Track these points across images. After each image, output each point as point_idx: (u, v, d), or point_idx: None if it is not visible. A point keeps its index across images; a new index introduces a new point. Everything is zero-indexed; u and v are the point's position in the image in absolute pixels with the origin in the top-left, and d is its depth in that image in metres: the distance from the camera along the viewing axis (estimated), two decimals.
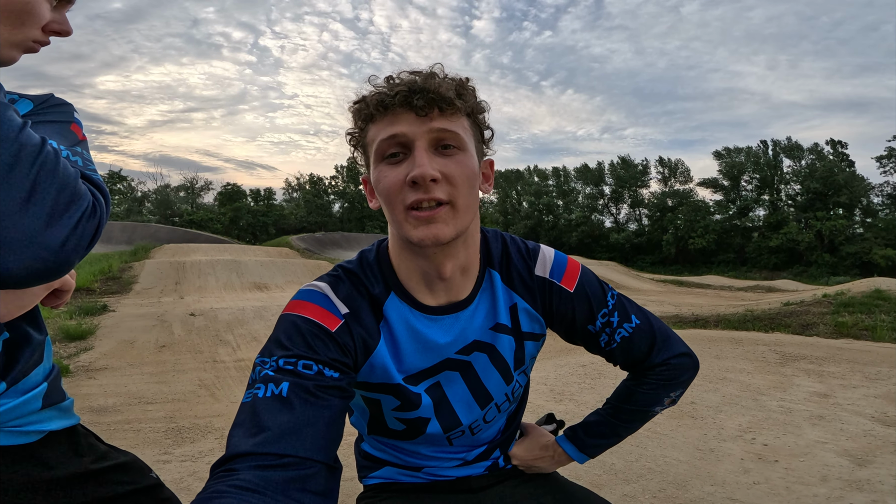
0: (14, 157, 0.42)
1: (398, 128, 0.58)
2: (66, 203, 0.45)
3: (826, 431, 2.43)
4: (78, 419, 0.72)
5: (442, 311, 0.66)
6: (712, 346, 4.37)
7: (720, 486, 1.93)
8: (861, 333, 5.27)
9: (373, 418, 0.71)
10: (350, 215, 42.02)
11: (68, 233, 0.45)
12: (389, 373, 0.65)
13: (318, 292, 0.63)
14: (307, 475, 0.48)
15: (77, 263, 0.49)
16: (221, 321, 5.91)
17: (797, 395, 3.01)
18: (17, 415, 0.60)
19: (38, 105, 0.63)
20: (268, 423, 0.49)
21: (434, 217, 0.57)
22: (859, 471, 2.00)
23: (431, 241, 0.58)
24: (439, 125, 0.58)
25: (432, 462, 0.74)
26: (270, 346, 0.57)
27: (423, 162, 0.56)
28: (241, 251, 15.84)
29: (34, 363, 0.63)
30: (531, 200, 40.81)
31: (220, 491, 0.44)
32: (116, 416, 3.01)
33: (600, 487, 1.95)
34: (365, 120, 0.61)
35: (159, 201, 40.23)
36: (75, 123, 0.64)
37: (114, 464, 0.69)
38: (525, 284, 0.70)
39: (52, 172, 0.44)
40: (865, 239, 27.76)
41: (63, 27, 0.61)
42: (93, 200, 0.49)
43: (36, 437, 0.63)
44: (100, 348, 4.69)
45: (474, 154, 0.62)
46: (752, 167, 33.78)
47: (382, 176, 0.59)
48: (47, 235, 0.44)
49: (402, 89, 0.57)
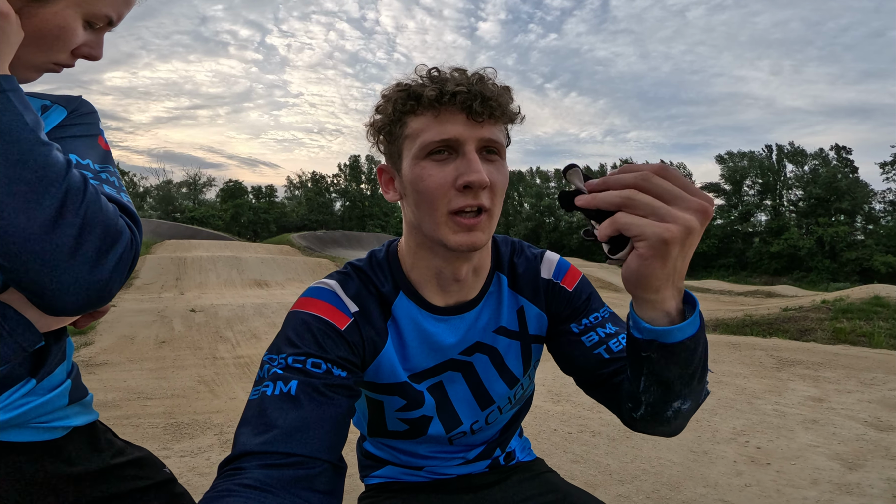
0: (62, 201, 0.45)
1: (450, 129, 0.56)
2: (109, 245, 0.49)
3: (819, 435, 2.45)
4: (97, 415, 0.73)
5: (450, 312, 0.66)
6: (710, 350, 4.36)
7: (713, 487, 1.95)
8: (859, 339, 5.28)
9: (373, 420, 0.71)
10: (351, 214, 42.06)
11: (112, 269, 0.49)
12: (396, 372, 0.65)
13: (329, 290, 0.63)
14: (314, 474, 0.48)
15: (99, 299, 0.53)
16: (221, 318, 5.94)
17: (792, 400, 3.03)
18: (44, 411, 0.62)
19: (71, 112, 0.63)
20: (276, 422, 0.49)
21: (476, 225, 0.57)
22: (850, 474, 2.02)
23: (468, 247, 0.58)
24: (489, 134, 0.57)
25: (433, 461, 0.74)
26: (279, 343, 0.57)
27: (480, 168, 0.55)
28: (241, 248, 15.87)
29: (58, 361, 0.64)
30: (532, 202, 40.82)
31: (228, 489, 0.44)
32: (116, 412, 3.03)
33: (595, 487, 1.97)
34: (406, 111, 0.58)
35: (161, 197, 40.30)
36: (101, 136, 0.65)
37: (130, 459, 0.70)
38: (532, 287, 0.70)
39: (96, 216, 0.48)
40: (866, 245, 27.74)
41: (93, 52, 0.59)
42: (130, 235, 0.52)
43: (61, 433, 0.64)
44: (100, 343, 4.72)
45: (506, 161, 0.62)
46: (754, 172, 33.76)
47: (426, 174, 0.57)
48: (94, 276, 0.48)
49: (462, 90, 0.55)
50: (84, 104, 0.66)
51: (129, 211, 0.55)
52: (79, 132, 0.62)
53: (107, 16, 0.58)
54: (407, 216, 0.64)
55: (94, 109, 0.66)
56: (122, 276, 0.51)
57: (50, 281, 0.46)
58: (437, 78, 0.58)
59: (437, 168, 0.57)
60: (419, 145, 0.57)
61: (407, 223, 0.65)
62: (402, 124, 0.59)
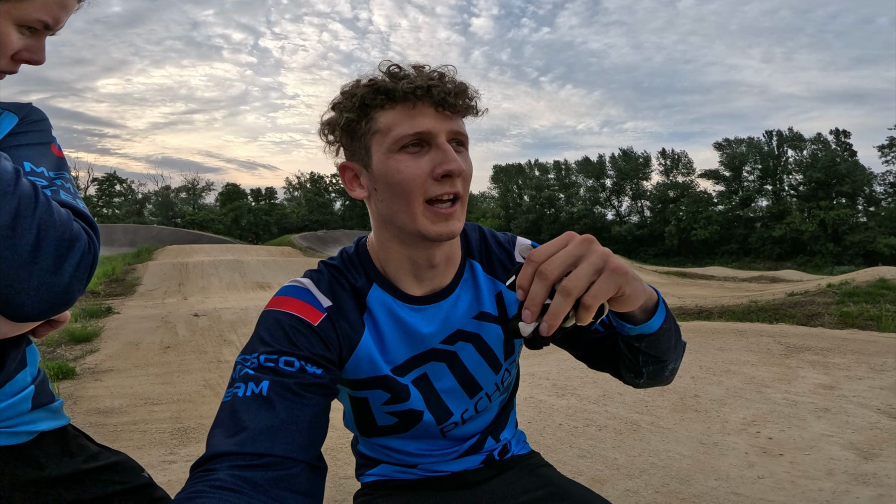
0: (15, 211, 0.46)
1: (423, 122, 0.58)
2: (66, 249, 0.50)
3: (831, 424, 2.41)
4: (68, 420, 0.72)
5: (425, 301, 0.67)
6: (716, 338, 4.35)
7: (724, 480, 1.92)
8: (866, 323, 5.24)
9: (360, 418, 0.71)
10: (352, 213, 42.10)
11: (71, 274, 0.51)
12: (376, 364, 0.65)
13: (301, 287, 0.63)
14: (288, 475, 0.48)
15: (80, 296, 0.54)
16: (225, 321, 5.94)
17: (802, 388, 3.00)
18: (7, 416, 0.62)
19: (22, 119, 0.62)
20: (247, 423, 0.49)
21: (452, 214, 0.60)
22: (865, 464, 1.99)
23: (448, 235, 0.60)
24: (457, 126, 0.61)
25: (426, 459, 0.74)
26: (253, 342, 0.57)
27: (456, 157, 0.58)
28: (243, 251, 15.89)
29: (17, 368, 0.64)
30: (532, 194, 40.70)
31: (198, 491, 0.44)
32: (123, 418, 3.03)
33: (602, 482, 1.94)
34: (374, 105, 0.59)
35: (160, 203, 40.39)
36: (54, 143, 0.64)
37: (105, 464, 0.70)
38: (507, 271, 0.71)
39: (50, 222, 0.49)
40: (869, 228, 27.63)
41: (34, 56, 0.59)
42: (87, 239, 0.53)
43: (27, 437, 0.64)
44: (105, 350, 4.72)
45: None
46: (753, 158, 33.58)
47: (402, 166, 0.58)
48: (55, 281, 0.49)
49: (435, 84, 0.58)
50: (35, 111, 0.65)
51: (84, 216, 0.56)
52: (31, 140, 0.62)
53: (40, 20, 0.57)
54: (378, 211, 0.64)
55: (46, 116, 0.66)
56: (82, 280, 0.52)
57: (11, 288, 0.47)
58: (402, 74, 0.59)
59: (412, 160, 0.59)
60: (392, 139, 0.58)
61: (377, 218, 0.65)
62: (371, 119, 0.60)
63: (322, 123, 0.64)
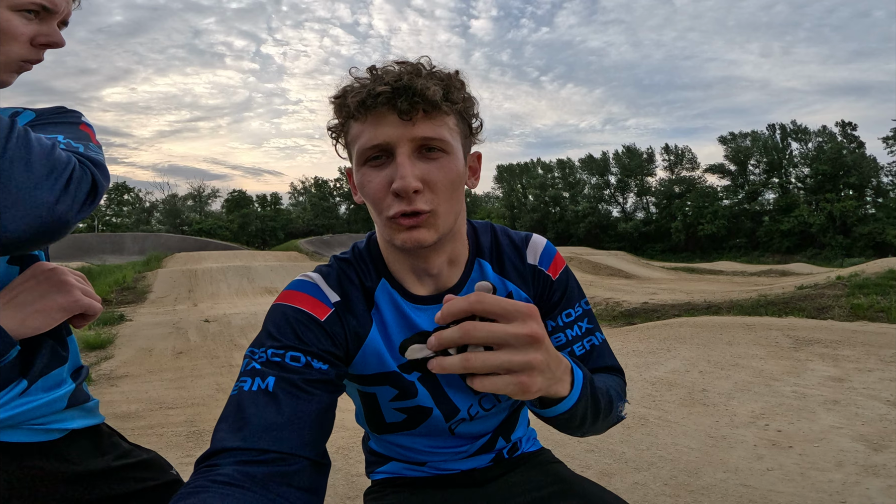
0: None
1: (381, 133, 0.55)
2: (48, 168, 0.50)
3: (841, 416, 2.41)
4: (102, 419, 0.74)
5: (430, 301, 0.66)
6: (724, 333, 4.34)
7: (733, 472, 1.93)
8: (877, 315, 5.19)
9: (370, 414, 0.71)
10: (357, 216, 42.23)
11: (59, 192, 0.50)
12: (384, 360, 0.64)
13: (309, 282, 0.63)
14: (291, 471, 0.48)
15: (75, 223, 0.54)
16: (235, 326, 6.01)
17: (811, 380, 2.99)
18: (40, 413, 0.62)
19: (46, 113, 0.64)
20: (252, 418, 0.49)
21: (417, 224, 0.57)
22: (875, 456, 1.99)
23: (413, 245, 0.57)
24: (423, 132, 0.55)
25: (435, 457, 0.74)
26: (261, 336, 0.58)
27: (406, 173, 0.54)
28: (250, 257, 16.02)
29: (53, 363, 0.65)
30: (537, 193, 40.57)
31: (202, 486, 0.44)
32: (140, 422, 3.09)
33: (611, 476, 1.96)
34: (346, 116, 0.58)
35: (167, 211, 40.75)
36: (85, 124, 0.66)
37: (136, 461, 0.72)
38: (519, 272, 0.70)
39: (26, 145, 0.49)
40: (878, 219, 27.20)
41: (52, 39, 0.60)
42: (78, 165, 0.54)
43: (58, 434, 0.65)
44: (119, 356, 4.81)
45: (460, 153, 0.60)
46: (759, 151, 33.23)
47: (367, 180, 0.58)
48: (38, 195, 0.49)
49: (385, 90, 0.53)
50: (65, 108, 0.67)
51: (90, 157, 0.58)
52: (58, 120, 0.64)
53: (36, 3, 0.58)
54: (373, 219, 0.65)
55: (77, 110, 0.68)
56: (75, 203, 0.52)
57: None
58: (367, 79, 0.56)
59: (375, 174, 0.57)
60: (357, 151, 0.58)
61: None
62: (348, 128, 0.59)
63: (327, 129, 0.64)
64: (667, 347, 4.04)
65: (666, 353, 3.89)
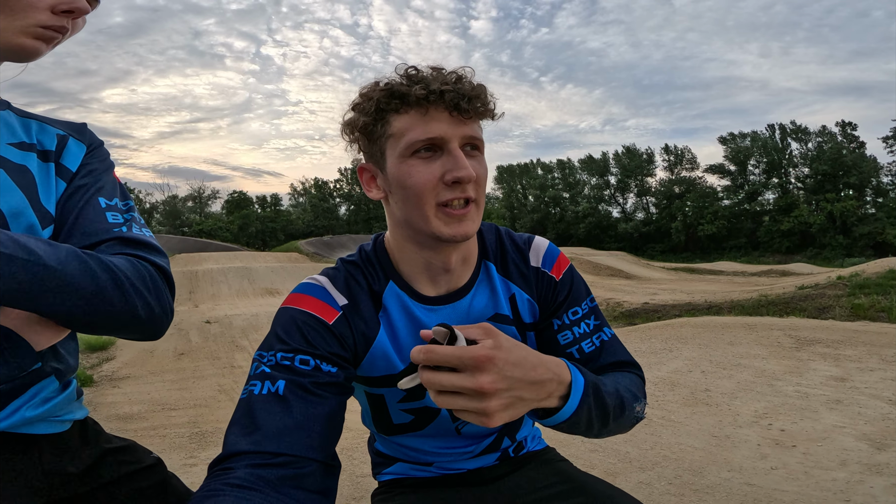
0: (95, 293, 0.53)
1: (435, 127, 0.58)
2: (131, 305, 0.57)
3: (844, 415, 2.42)
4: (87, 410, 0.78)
5: (440, 301, 0.67)
6: (725, 333, 4.34)
7: (737, 471, 1.94)
8: (878, 315, 5.20)
9: (377, 415, 0.71)
10: (356, 217, 42.24)
11: (147, 311, 0.58)
12: (392, 362, 0.65)
13: (317, 285, 0.64)
14: (303, 473, 0.49)
15: (171, 319, 0.64)
16: (236, 327, 6.02)
17: (813, 380, 3.00)
18: (62, 405, 0.65)
19: (88, 148, 0.67)
20: (263, 422, 0.50)
21: (466, 215, 0.60)
22: (878, 454, 1.99)
23: (462, 237, 0.60)
24: (471, 131, 0.60)
25: (442, 458, 0.74)
26: (270, 339, 0.58)
27: (467, 164, 0.58)
28: (251, 258, 16.02)
29: (76, 360, 0.69)
30: (537, 194, 40.60)
31: (215, 489, 0.45)
32: (142, 423, 3.09)
33: (615, 475, 1.97)
34: (390, 109, 0.59)
35: (168, 212, 40.78)
36: (113, 169, 0.69)
37: (119, 446, 0.74)
38: (522, 274, 0.70)
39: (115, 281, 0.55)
40: (878, 219, 27.23)
41: (74, 4, 0.59)
42: (145, 266, 0.59)
43: (68, 425, 0.67)
44: (121, 358, 4.81)
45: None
46: (758, 151, 33.27)
47: (414, 171, 0.58)
48: (149, 322, 0.58)
49: (448, 89, 0.57)
50: (94, 136, 0.69)
51: (150, 245, 0.62)
52: (100, 167, 0.66)
53: None
54: (393, 212, 0.64)
55: (101, 140, 0.71)
56: (165, 309, 0.62)
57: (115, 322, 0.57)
58: (418, 77, 0.58)
59: (424, 165, 0.59)
60: (405, 144, 0.58)
61: (393, 219, 0.66)
62: (386, 123, 0.60)
63: (342, 124, 0.64)
64: (668, 348, 4.04)
65: (668, 353, 3.89)
